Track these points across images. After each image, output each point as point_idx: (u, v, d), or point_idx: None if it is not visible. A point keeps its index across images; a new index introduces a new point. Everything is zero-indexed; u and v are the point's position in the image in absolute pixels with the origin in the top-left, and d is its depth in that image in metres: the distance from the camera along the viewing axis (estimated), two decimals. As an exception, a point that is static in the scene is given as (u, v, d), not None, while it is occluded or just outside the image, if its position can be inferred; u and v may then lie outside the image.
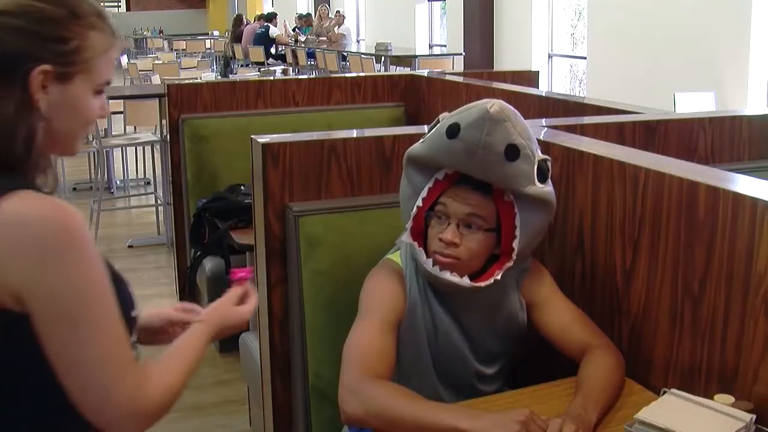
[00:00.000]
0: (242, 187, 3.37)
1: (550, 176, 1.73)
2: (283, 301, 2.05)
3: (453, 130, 1.65)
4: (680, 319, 1.65)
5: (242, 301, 1.50)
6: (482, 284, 1.72)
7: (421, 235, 1.75)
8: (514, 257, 1.73)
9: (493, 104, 1.62)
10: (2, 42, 1.18)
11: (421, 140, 1.75)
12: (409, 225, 1.74)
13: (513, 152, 1.64)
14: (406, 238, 1.74)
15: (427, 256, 1.72)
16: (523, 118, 1.68)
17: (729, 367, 1.54)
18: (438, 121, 1.72)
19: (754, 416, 1.39)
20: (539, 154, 1.70)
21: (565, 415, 1.49)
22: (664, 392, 1.50)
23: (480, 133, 1.62)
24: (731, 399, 1.44)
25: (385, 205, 2.06)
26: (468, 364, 1.80)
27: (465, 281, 1.71)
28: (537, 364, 1.92)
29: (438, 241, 1.71)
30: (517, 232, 1.71)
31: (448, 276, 1.70)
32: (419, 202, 1.73)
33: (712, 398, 1.45)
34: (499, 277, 1.72)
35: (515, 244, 1.72)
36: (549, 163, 1.73)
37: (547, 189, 1.72)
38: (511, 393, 1.76)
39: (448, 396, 1.80)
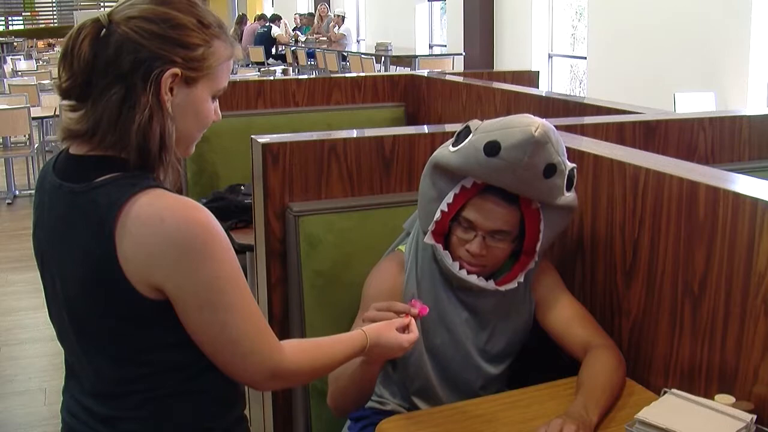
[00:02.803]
0: (242, 187, 3.36)
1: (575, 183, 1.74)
2: (283, 301, 2.05)
3: (493, 149, 1.61)
4: (680, 319, 1.65)
5: (404, 331, 1.55)
6: (506, 287, 1.75)
7: (442, 235, 1.76)
8: (537, 259, 1.76)
9: (537, 127, 1.59)
10: (142, 46, 1.26)
11: (452, 148, 1.70)
12: (431, 228, 1.74)
13: (551, 170, 1.64)
14: (428, 239, 1.74)
15: (453, 259, 1.73)
16: (557, 132, 1.66)
17: (729, 367, 1.54)
18: (469, 129, 1.68)
19: (755, 416, 1.39)
20: (569, 164, 1.69)
21: (566, 416, 1.50)
22: (665, 392, 1.50)
23: (523, 155, 1.60)
24: (731, 399, 1.44)
25: (385, 205, 2.06)
26: (471, 362, 1.80)
27: (491, 285, 1.74)
28: (537, 364, 1.92)
29: (465, 251, 1.72)
30: (541, 236, 1.73)
31: (475, 280, 1.73)
32: (444, 207, 1.71)
33: (712, 398, 1.45)
34: (522, 279, 1.76)
35: (538, 247, 1.74)
36: (576, 171, 1.73)
37: (573, 196, 1.73)
38: (511, 393, 1.76)
39: (443, 391, 1.80)
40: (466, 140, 1.67)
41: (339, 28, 14.14)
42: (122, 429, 1.33)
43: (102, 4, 21.22)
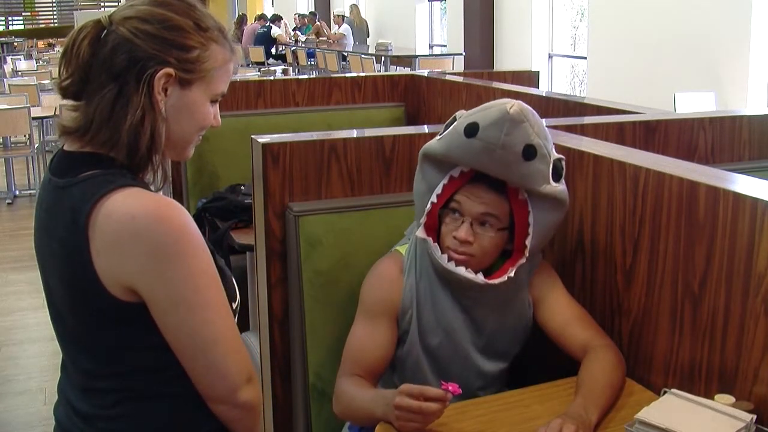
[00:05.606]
0: (242, 187, 3.37)
1: (563, 175, 1.74)
2: (283, 301, 2.05)
3: (472, 129, 1.65)
4: (680, 319, 1.65)
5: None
6: (496, 281, 1.74)
7: (434, 230, 1.76)
8: (527, 254, 1.75)
9: (513, 105, 1.63)
10: (136, 46, 1.27)
11: (438, 137, 1.74)
12: (422, 220, 1.74)
13: (530, 152, 1.65)
14: (420, 233, 1.74)
15: (441, 252, 1.73)
16: (540, 118, 1.68)
17: (729, 367, 1.54)
18: (455, 119, 1.72)
19: (755, 416, 1.39)
20: (554, 154, 1.71)
21: (566, 416, 1.50)
22: (665, 392, 1.50)
23: (499, 133, 1.62)
24: (731, 399, 1.44)
25: (385, 205, 2.06)
26: (470, 363, 1.80)
27: (479, 278, 1.73)
28: (537, 364, 1.92)
29: (452, 238, 1.72)
30: (531, 230, 1.73)
31: (463, 272, 1.72)
32: (434, 198, 1.74)
33: (712, 398, 1.45)
34: (512, 274, 1.74)
35: (528, 242, 1.73)
36: (563, 162, 1.73)
37: (561, 188, 1.73)
38: (511, 393, 1.76)
39: None
40: (451, 127, 1.71)
41: (339, 28, 14.15)
42: (100, 428, 1.33)
43: (102, 4, 21.22)
